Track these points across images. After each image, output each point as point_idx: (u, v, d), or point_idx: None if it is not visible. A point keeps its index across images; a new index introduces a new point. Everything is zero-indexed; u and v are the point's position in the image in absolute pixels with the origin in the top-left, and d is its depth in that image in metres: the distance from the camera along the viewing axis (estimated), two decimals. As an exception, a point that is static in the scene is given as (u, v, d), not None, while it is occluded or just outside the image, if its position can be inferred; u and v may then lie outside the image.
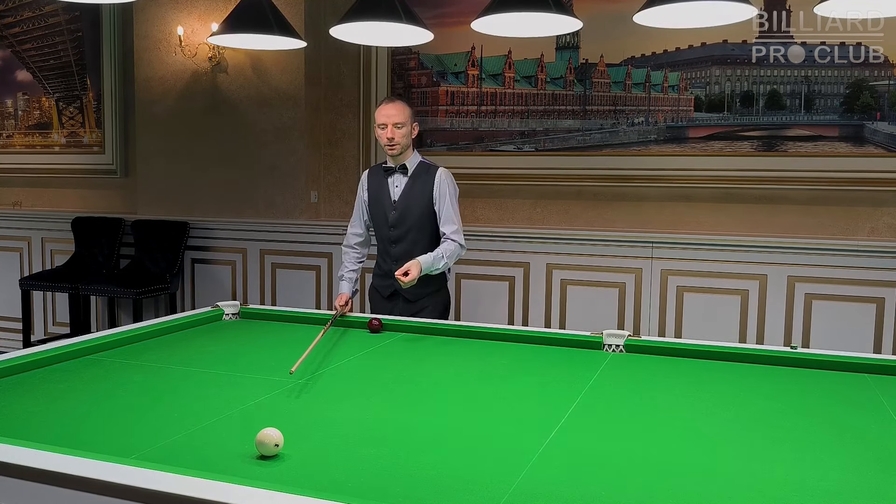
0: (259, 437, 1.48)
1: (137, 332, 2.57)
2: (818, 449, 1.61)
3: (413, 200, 2.97)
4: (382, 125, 2.90)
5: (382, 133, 2.91)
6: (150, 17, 5.16)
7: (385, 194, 3.02)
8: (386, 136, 2.90)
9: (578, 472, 1.45)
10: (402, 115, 2.89)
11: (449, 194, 2.96)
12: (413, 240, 2.98)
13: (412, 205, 2.97)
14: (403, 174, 2.99)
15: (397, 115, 2.88)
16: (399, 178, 3.00)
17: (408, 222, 2.98)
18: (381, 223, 3.05)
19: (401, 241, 3.00)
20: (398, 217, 2.99)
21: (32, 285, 5.07)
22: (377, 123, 2.92)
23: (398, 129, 2.88)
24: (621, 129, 4.46)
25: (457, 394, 2.05)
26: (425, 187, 2.96)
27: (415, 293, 2.98)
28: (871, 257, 3.78)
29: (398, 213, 2.99)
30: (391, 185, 3.01)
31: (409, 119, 2.91)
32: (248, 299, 4.98)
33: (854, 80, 4.00)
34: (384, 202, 3.02)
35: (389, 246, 3.03)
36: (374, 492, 1.34)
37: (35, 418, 1.74)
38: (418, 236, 2.98)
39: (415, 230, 2.98)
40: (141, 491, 1.24)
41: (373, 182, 3.07)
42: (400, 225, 2.99)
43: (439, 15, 4.69)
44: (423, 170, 2.99)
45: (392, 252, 3.03)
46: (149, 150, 5.30)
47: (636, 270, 4.17)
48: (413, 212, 2.97)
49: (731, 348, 2.43)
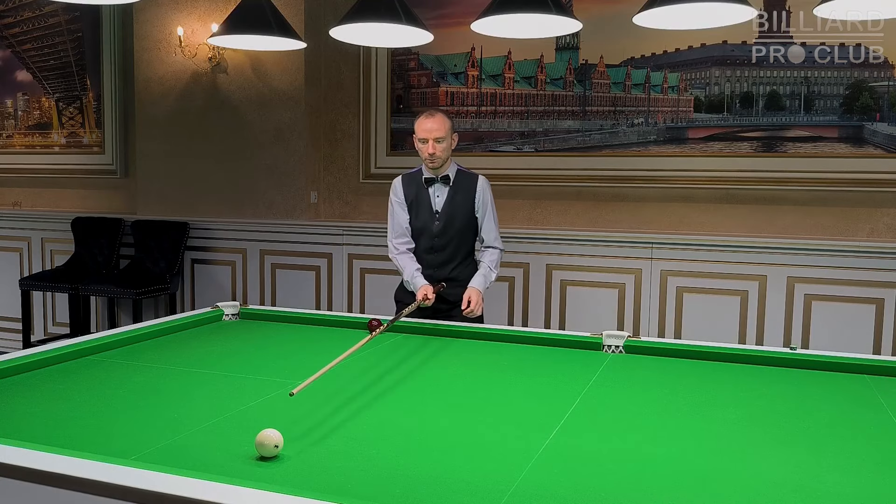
0: (259, 439, 1.48)
1: (137, 332, 2.57)
2: (817, 450, 1.62)
3: (456, 210, 2.95)
4: (423, 140, 2.86)
5: (423, 147, 2.87)
6: (150, 17, 5.16)
7: (425, 205, 2.97)
8: (427, 151, 2.86)
9: (578, 473, 1.45)
10: (443, 130, 2.85)
11: (490, 202, 3.00)
12: (455, 247, 2.98)
13: (456, 215, 2.95)
14: (445, 184, 2.96)
15: (438, 130, 2.84)
16: (440, 187, 2.96)
17: (451, 232, 2.96)
18: (423, 233, 2.99)
19: (443, 249, 2.98)
20: (442, 228, 2.95)
21: (32, 285, 5.07)
22: (418, 137, 2.88)
23: (439, 144, 2.85)
24: (621, 130, 4.46)
25: (456, 394, 2.05)
26: (467, 196, 2.96)
27: (453, 294, 2.96)
28: (871, 258, 3.79)
29: (441, 223, 2.95)
30: (432, 195, 2.97)
31: (449, 132, 2.88)
32: (247, 300, 4.98)
33: (854, 81, 4.00)
34: (425, 212, 2.97)
35: (429, 254, 2.99)
36: (373, 493, 1.34)
37: (35, 418, 1.74)
38: (460, 244, 2.99)
39: (457, 239, 2.97)
40: (140, 492, 1.24)
41: (409, 191, 3.01)
42: (443, 235, 2.96)
43: (439, 16, 4.69)
44: (464, 178, 2.98)
45: (431, 261, 2.98)
46: (149, 151, 5.30)
47: (636, 271, 4.17)
48: (457, 221, 2.96)
49: (730, 349, 2.43)
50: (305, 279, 4.90)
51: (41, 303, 5.56)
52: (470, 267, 3.02)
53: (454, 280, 2.97)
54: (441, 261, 2.98)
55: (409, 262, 2.98)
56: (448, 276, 2.97)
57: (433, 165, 2.91)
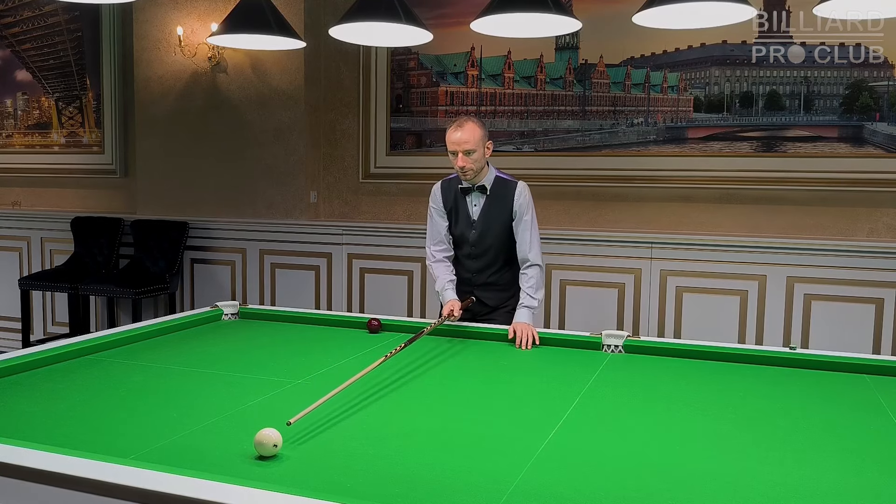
0: (258, 438, 1.48)
1: (137, 332, 2.57)
2: (817, 449, 1.62)
3: (493, 220, 2.85)
4: (453, 153, 2.72)
5: (454, 160, 2.74)
6: (150, 17, 5.16)
7: (464, 213, 2.88)
8: (458, 164, 2.72)
9: (577, 473, 1.45)
10: (473, 141, 2.68)
11: (528, 212, 2.83)
12: (494, 254, 2.89)
13: (493, 224, 2.85)
14: (482, 192, 2.85)
15: (468, 142, 2.68)
16: (477, 196, 2.86)
17: (488, 241, 2.87)
18: (461, 241, 2.93)
19: (481, 257, 2.90)
20: (478, 237, 2.87)
21: (32, 285, 5.07)
22: (448, 150, 2.74)
23: (469, 156, 2.69)
24: (621, 130, 4.46)
25: (456, 394, 2.05)
26: (505, 205, 2.83)
27: (493, 297, 2.93)
28: (870, 258, 3.79)
29: (478, 232, 2.86)
30: (469, 204, 2.88)
31: (480, 142, 2.71)
32: (247, 299, 4.98)
33: (853, 81, 4.00)
34: (463, 221, 2.89)
35: (468, 260, 2.93)
36: (373, 492, 1.34)
37: (34, 418, 1.74)
38: (499, 251, 2.89)
39: (495, 248, 2.88)
40: (140, 491, 1.24)
41: (448, 197, 2.92)
42: (480, 244, 2.88)
43: (439, 15, 4.69)
44: (502, 186, 2.84)
45: (470, 265, 2.93)
46: (148, 150, 5.30)
47: (635, 271, 4.17)
48: (493, 231, 2.85)
49: (730, 349, 2.43)
50: (305, 279, 4.90)
51: (41, 302, 5.56)
52: (510, 272, 2.92)
53: (493, 285, 2.92)
54: (480, 266, 2.92)
55: (442, 272, 2.89)
56: (486, 281, 2.91)
57: (467, 178, 2.78)
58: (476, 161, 2.73)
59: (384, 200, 5.03)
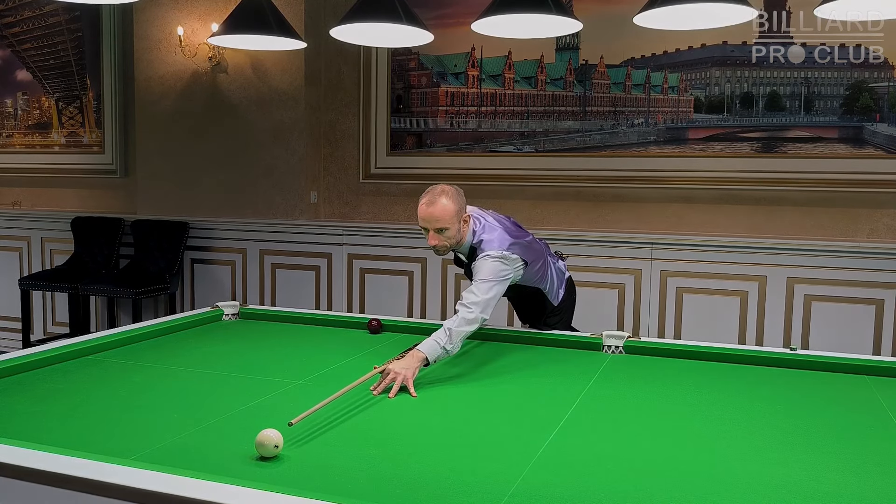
0: (259, 439, 1.48)
1: (137, 332, 2.57)
2: (817, 450, 1.62)
3: None
4: (424, 229, 2.45)
5: (425, 234, 2.46)
6: (151, 17, 5.16)
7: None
8: (430, 242, 2.45)
9: (578, 473, 1.45)
10: (445, 219, 2.40)
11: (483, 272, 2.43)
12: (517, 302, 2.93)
13: None
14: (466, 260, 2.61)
15: (439, 220, 2.40)
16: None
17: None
18: None
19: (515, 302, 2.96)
20: None
21: (32, 285, 5.07)
22: (420, 224, 2.46)
23: (441, 234, 2.42)
24: (621, 131, 4.46)
25: (456, 395, 2.05)
26: None
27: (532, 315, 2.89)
28: (871, 259, 3.78)
29: None
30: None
31: (454, 218, 2.42)
32: (247, 299, 4.98)
33: (854, 82, 4.00)
34: None
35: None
36: (374, 493, 1.34)
37: (35, 418, 1.74)
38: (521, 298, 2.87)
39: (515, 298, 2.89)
40: (140, 491, 1.24)
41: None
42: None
43: (439, 16, 4.69)
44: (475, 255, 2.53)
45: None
46: (149, 150, 5.30)
47: (636, 271, 4.17)
48: None
49: (730, 350, 2.43)
50: (305, 279, 4.90)
51: (41, 302, 5.56)
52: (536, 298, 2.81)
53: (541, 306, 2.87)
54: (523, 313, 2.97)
55: None
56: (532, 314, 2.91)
57: (439, 254, 2.55)
58: (450, 238, 2.44)
59: (384, 201, 5.03)
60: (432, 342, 2.22)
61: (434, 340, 2.23)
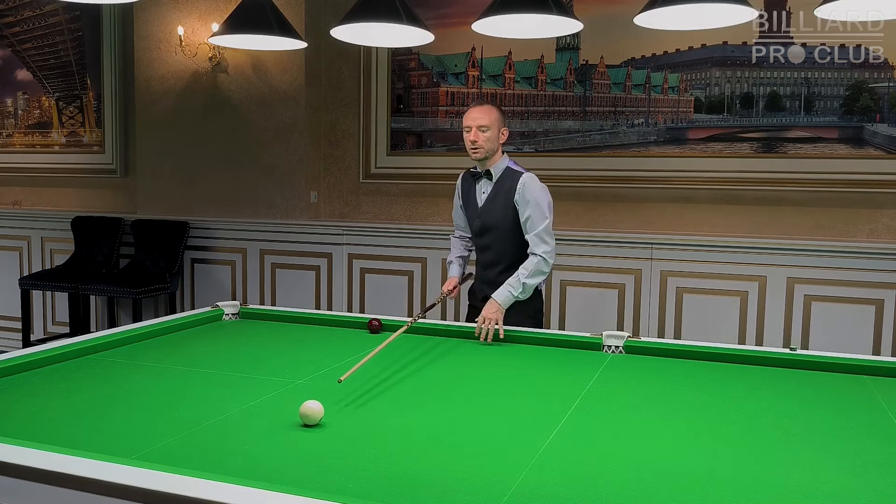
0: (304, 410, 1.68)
1: (137, 332, 2.57)
2: (817, 450, 1.62)
3: (496, 208, 2.82)
4: (467, 128, 2.76)
5: (466, 136, 2.77)
6: (151, 16, 5.16)
7: (473, 201, 2.91)
8: (469, 138, 2.75)
9: (578, 474, 1.45)
10: (488, 119, 2.73)
11: (533, 201, 2.74)
12: (499, 249, 2.86)
13: (496, 213, 2.82)
14: (489, 179, 2.85)
15: (482, 118, 2.73)
16: (486, 183, 2.86)
17: (492, 231, 2.85)
18: (471, 229, 2.96)
19: (487, 249, 2.90)
20: (481, 225, 2.87)
21: (32, 285, 5.07)
22: (463, 126, 2.79)
23: (482, 133, 2.72)
24: (621, 131, 4.46)
25: (456, 395, 2.05)
26: (508, 195, 2.78)
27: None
28: (871, 259, 3.79)
29: (481, 221, 2.87)
30: (478, 192, 2.89)
31: (496, 123, 2.75)
32: (247, 299, 4.98)
33: (854, 82, 4.00)
34: (471, 209, 2.92)
35: (479, 253, 2.95)
36: (374, 493, 1.34)
37: (35, 418, 1.74)
38: (504, 246, 2.85)
39: (499, 239, 2.84)
40: (141, 491, 1.24)
41: (464, 186, 2.97)
42: (484, 234, 2.87)
43: (440, 16, 4.69)
44: (509, 175, 2.81)
45: (481, 259, 2.94)
46: (149, 150, 5.30)
47: (636, 271, 4.17)
48: (496, 220, 2.82)
49: (730, 350, 2.43)
50: (305, 279, 4.90)
51: (41, 302, 5.56)
52: None
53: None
54: (488, 261, 2.90)
55: (454, 247, 3.09)
56: (495, 280, 2.83)
57: (476, 156, 2.78)
58: (488, 140, 2.75)
59: (384, 201, 5.03)
60: (506, 293, 2.70)
61: (508, 291, 2.70)
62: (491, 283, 2.85)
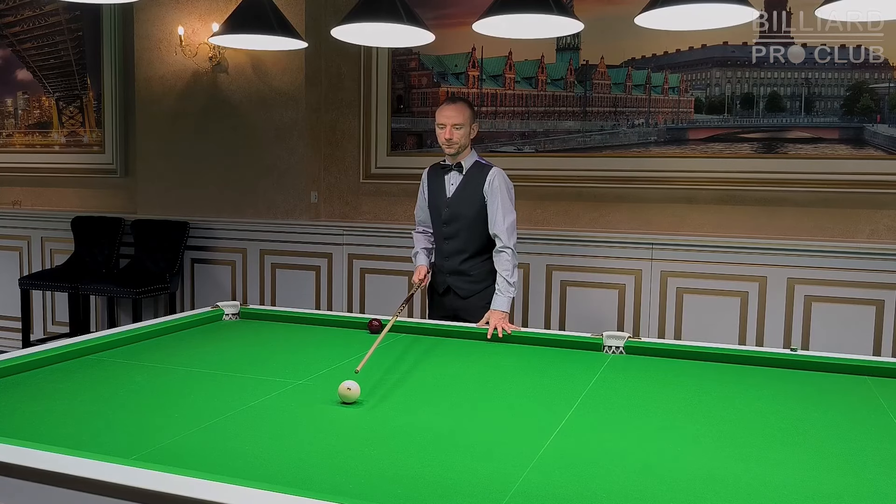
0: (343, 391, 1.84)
1: (137, 332, 2.57)
2: (818, 451, 1.62)
3: (465, 199, 3.00)
4: (441, 125, 2.94)
5: (441, 133, 2.95)
6: (151, 16, 5.16)
7: (441, 192, 3.07)
8: (444, 136, 2.94)
9: (579, 475, 1.45)
10: (462, 117, 2.93)
11: (500, 193, 2.95)
12: (465, 238, 3.02)
13: (464, 203, 3.00)
14: (459, 172, 3.03)
15: (457, 117, 2.92)
16: (455, 175, 3.04)
17: (459, 220, 3.02)
18: (436, 220, 3.11)
19: (453, 238, 3.05)
20: (450, 214, 3.03)
21: (32, 285, 5.07)
22: (437, 123, 2.96)
23: (457, 130, 2.92)
24: (621, 131, 4.46)
25: (456, 395, 2.05)
26: (477, 187, 2.99)
27: (467, 289, 3.04)
28: (871, 259, 3.78)
29: (450, 210, 3.03)
30: (447, 183, 3.06)
31: (468, 120, 2.95)
32: (247, 299, 4.98)
33: (854, 83, 4.00)
34: (439, 199, 3.08)
35: (443, 242, 3.09)
36: (374, 493, 1.34)
37: (35, 418, 1.74)
38: (471, 236, 3.02)
39: (466, 229, 3.01)
40: (141, 491, 1.24)
41: (432, 179, 3.13)
42: (452, 223, 3.03)
43: (440, 16, 4.69)
44: (478, 169, 3.02)
45: (444, 248, 3.08)
46: (149, 150, 5.30)
47: (636, 272, 4.17)
48: (464, 210, 3.00)
49: (730, 350, 2.43)
50: (305, 279, 4.90)
51: (41, 302, 5.56)
52: (485, 265, 3.03)
53: (465, 274, 3.03)
54: (452, 250, 3.05)
55: (417, 241, 3.22)
56: (458, 269, 3.03)
57: (450, 151, 2.98)
58: (462, 137, 2.94)
59: (385, 201, 5.03)
60: (503, 299, 2.84)
61: (503, 296, 2.85)
62: (453, 271, 3.05)
